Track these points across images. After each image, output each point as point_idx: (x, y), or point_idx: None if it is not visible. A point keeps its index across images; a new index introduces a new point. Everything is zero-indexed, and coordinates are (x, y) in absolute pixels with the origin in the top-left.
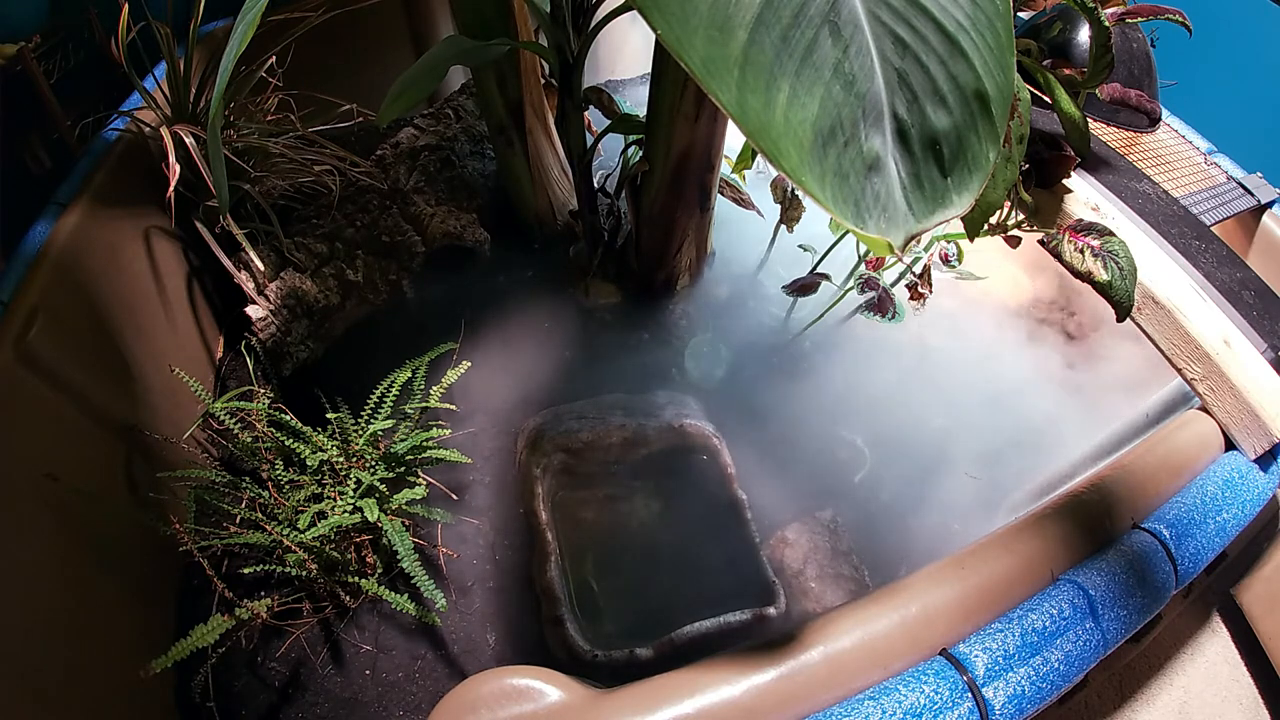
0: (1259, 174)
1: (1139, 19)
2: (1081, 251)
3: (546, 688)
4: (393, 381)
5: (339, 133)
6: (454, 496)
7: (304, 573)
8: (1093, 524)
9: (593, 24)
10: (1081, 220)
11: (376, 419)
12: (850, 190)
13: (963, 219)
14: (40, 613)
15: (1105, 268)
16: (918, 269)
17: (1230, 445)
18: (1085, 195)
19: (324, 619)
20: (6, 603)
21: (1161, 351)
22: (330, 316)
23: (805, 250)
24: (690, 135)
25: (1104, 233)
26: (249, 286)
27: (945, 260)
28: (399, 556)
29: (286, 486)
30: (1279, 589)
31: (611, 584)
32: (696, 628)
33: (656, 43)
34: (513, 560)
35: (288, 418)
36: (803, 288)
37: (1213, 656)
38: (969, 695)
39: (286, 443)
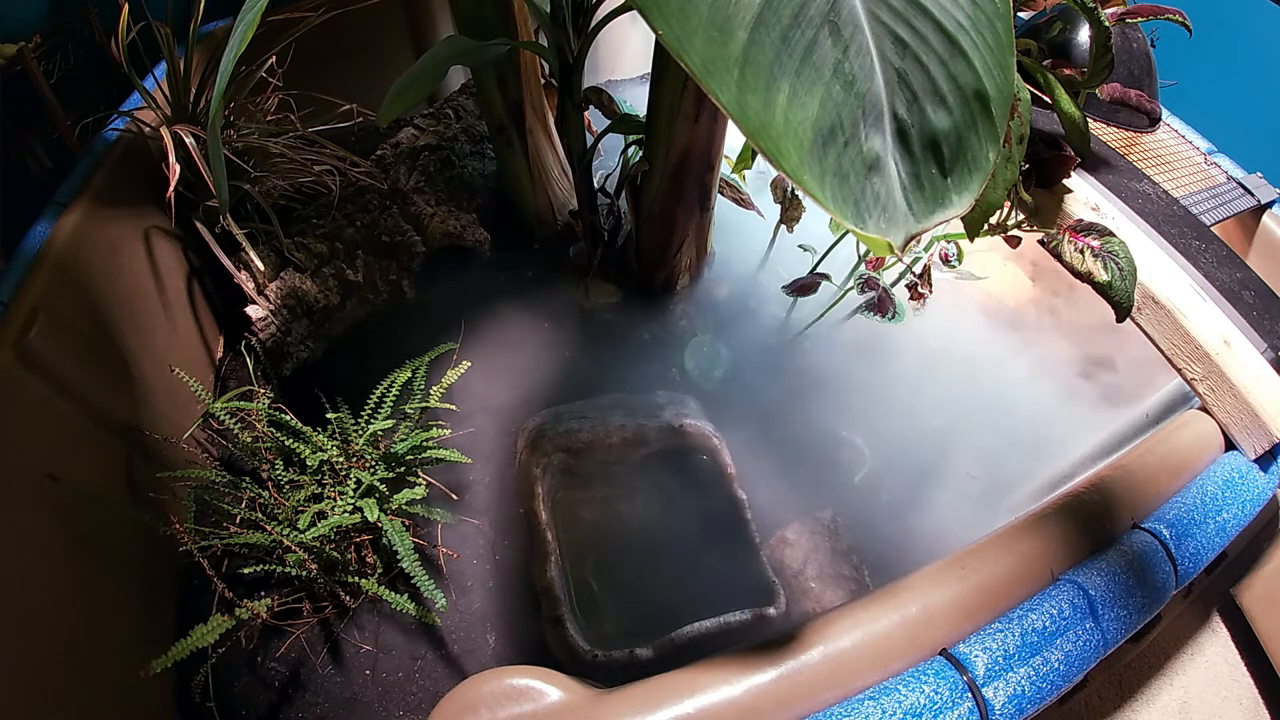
0: (1259, 174)
1: (1139, 19)
2: (1081, 252)
3: (546, 688)
4: (393, 381)
5: (339, 133)
6: (454, 496)
7: (304, 573)
8: (1093, 524)
9: (593, 24)
10: (1081, 220)
11: (376, 419)
12: (850, 190)
13: (963, 219)
14: (40, 613)
15: (1105, 268)
16: (918, 269)
17: (1230, 445)
18: (1085, 195)
19: (324, 619)
20: (6, 603)
21: (1161, 351)
22: (330, 316)
23: (805, 250)
24: (690, 135)
25: (1104, 233)
26: (249, 286)
27: (945, 260)
28: (399, 556)
29: (286, 486)
30: (1279, 589)
31: (611, 584)
32: (696, 628)
33: (656, 43)
34: (513, 560)
35: (288, 418)
36: (803, 288)
37: (1213, 656)
38: (969, 695)
39: (286, 443)
